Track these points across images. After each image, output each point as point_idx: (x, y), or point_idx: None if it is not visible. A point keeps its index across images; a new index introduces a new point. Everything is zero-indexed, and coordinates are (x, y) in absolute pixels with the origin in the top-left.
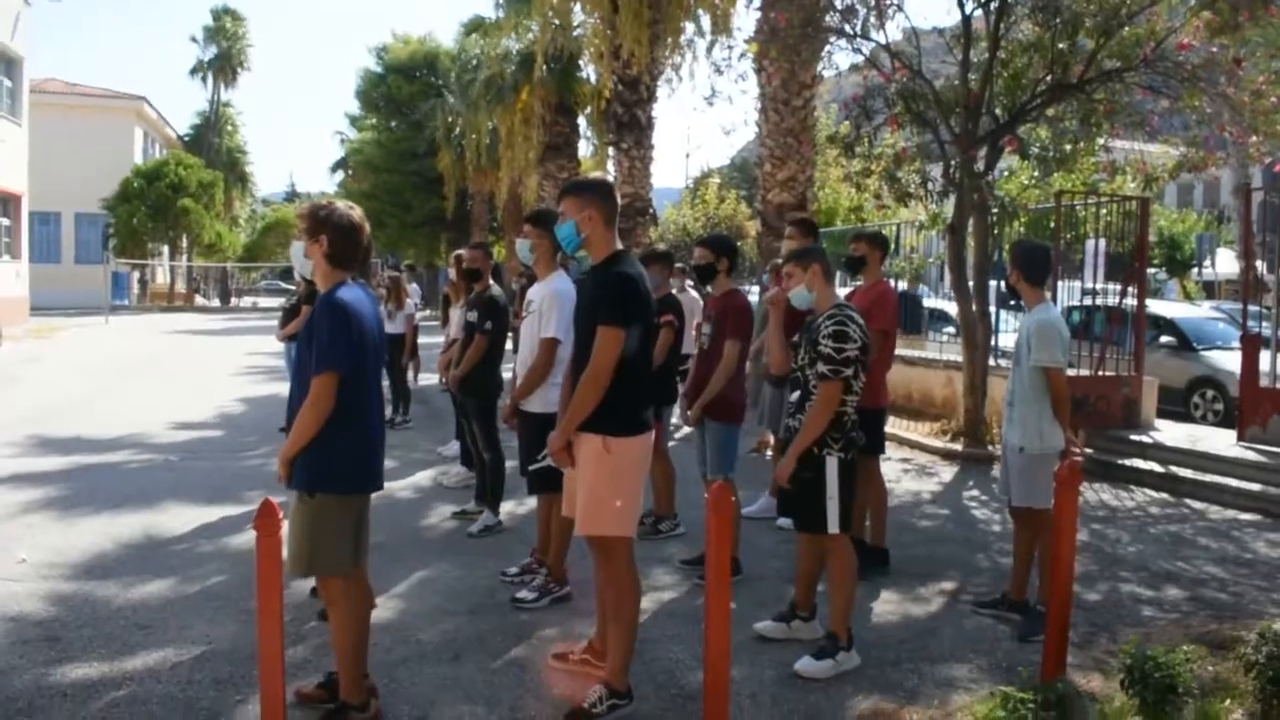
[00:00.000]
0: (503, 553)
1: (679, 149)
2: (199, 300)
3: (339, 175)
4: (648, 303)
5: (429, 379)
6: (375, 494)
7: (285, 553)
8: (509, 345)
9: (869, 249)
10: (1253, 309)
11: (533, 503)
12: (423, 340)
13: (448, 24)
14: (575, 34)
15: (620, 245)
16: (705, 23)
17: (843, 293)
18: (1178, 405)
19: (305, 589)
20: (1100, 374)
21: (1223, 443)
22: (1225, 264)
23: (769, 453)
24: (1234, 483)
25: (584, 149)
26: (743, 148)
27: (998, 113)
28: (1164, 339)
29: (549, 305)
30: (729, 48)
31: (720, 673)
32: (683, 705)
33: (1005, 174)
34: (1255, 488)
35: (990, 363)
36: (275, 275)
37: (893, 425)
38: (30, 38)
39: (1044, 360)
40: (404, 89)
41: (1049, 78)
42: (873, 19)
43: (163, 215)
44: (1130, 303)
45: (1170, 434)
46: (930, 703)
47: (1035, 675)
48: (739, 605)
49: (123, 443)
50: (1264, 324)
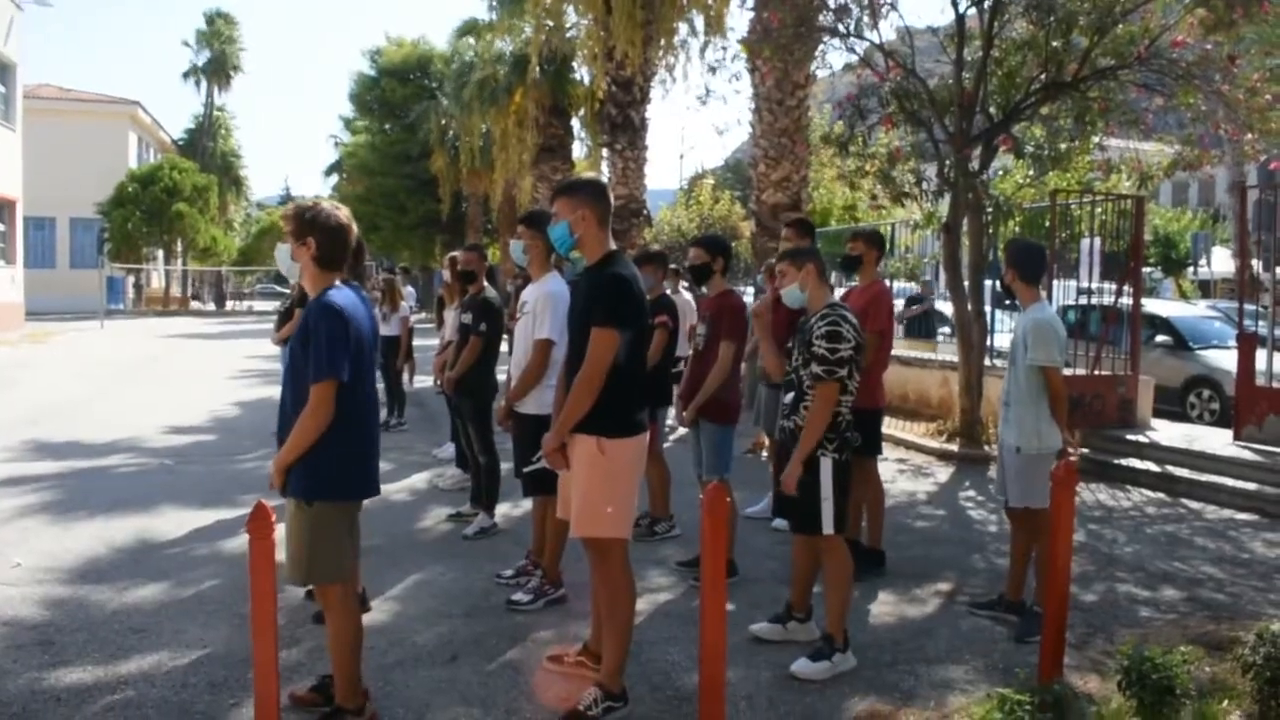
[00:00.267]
0: (498, 555)
1: (673, 150)
2: (194, 304)
3: (333, 178)
4: (642, 304)
5: (424, 381)
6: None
7: (284, 559)
8: (504, 347)
9: (866, 248)
10: (1249, 308)
11: (528, 505)
12: (417, 343)
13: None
14: (568, 35)
15: (614, 246)
16: (699, 23)
17: (839, 293)
18: (1174, 405)
19: (300, 592)
20: (1096, 373)
21: (1219, 442)
22: (1220, 263)
23: (764, 453)
24: (1230, 482)
25: (578, 150)
26: (737, 148)
27: (992, 111)
28: (1160, 338)
29: (543, 307)
30: (722, 48)
31: (716, 674)
32: (678, 707)
33: (1000, 173)
34: (1251, 487)
35: (986, 363)
36: (270, 279)
37: (888, 426)
38: (23, 43)
39: (1041, 359)
40: (398, 92)
41: (1043, 76)
42: (866, 18)
43: (157, 219)
44: (1126, 302)
45: (1166, 433)
46: (926, 704)
47: (1032, 677)
48: (735, 607)
49: (117, 446)
50: (1260, 323)
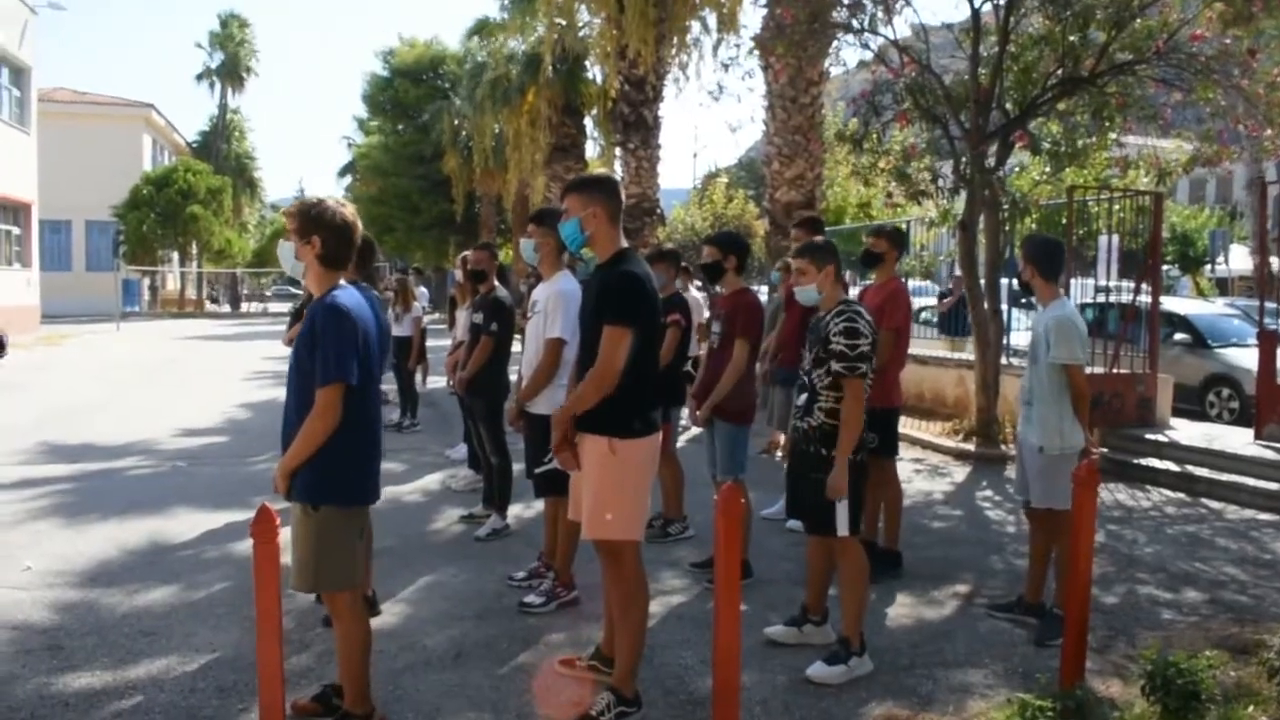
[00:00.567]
0: (510, 557)
1: (686, 149)
2: (209, 306)
3: (347, 179)
4: (654, 302)
5: (437, 381)
6: (383, 498)
7: (292, 566)
8: (517, 347)
9: (889, 246)
10: (1269, 305)
11: (540, 506)
12: (430, 343)
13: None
14: (581, 34)
15: (626, 243)
16: (711, 21)
17: (854, 290)
18: (1192, 403)
19: (310, 596)
20: (1115, 371)
21: (1239, 441)
22: (1238, 260)
23: (779, 453)
24: (1251, 482)
25: (591, 150)
26: (750, 147)
27: (1008, 108)
28: (1178, 336)
29: (554, 306)
30: (735, 45)
31: (730, 679)
32: (691, 712)
33: (1016, 170)
34: (1273, 487)
35: (1003, 361)
36: (285, 280)
37: (904, 425)
38: (38, 47)
39: (1064, 357)
40: (411, 93)
41: (1060, 71)
42: (880, 14)
43: (172, 222)
44: (1144, 299)
45: (1186, 432)
46: (945, 709)
47: (1053, 682)
48: (749, 609)
49: (131, 449)
50: None
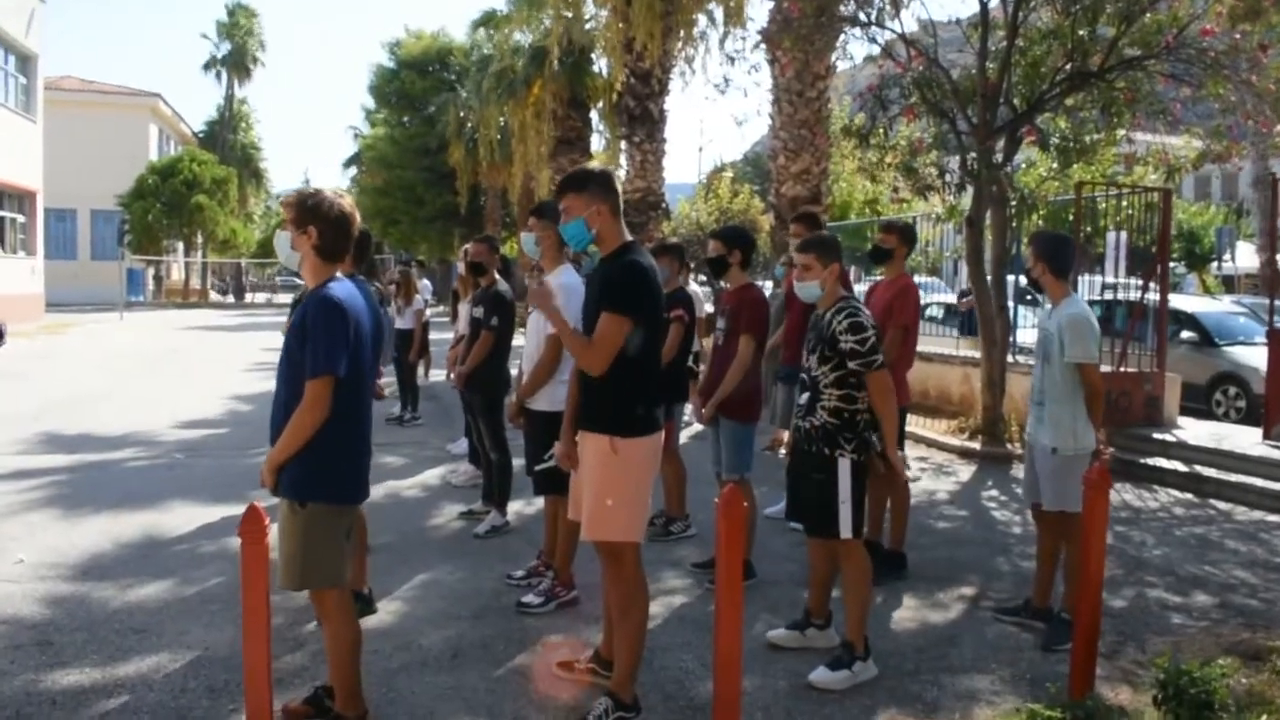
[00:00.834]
0: (509, 554)
1: (692, 143)
2: (213, 296)
3: (352, 170)
4: (658, 295)
5: (439, 375)
6: (383, 492)
7: (279, 563)
8: (518, 340)
9: (899, 242)
10: (1279, 304)
11: (541, 503)
12: (433, 336)
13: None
14: (587, 27)
15: (629, 236)
16: (718, 14)
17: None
18: (1199, 402)
19: (304, 594)
20: (1122, 370)
21: (1248, 441)
22: (1245, 257)
23: (782, 451)
24: (1260, 482)
25: (596, 143)
26: (756, 142)
27: (1016, 103)
28: (1185, 334)
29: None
30: (742, 39)
31: (731, 684)
32: (691, 717)
33: (1023, 166)
34: None
35: (1009, 359)
36: (290, 271)
37: (909, 423)
38: (45, 35)
39: (1079, 356)
40: (417, 84)
41: (1068, 66)
42: (888, 7)
43: (177, 212)
44: (1152, 297)
45: (1194, 432)
46: (951, 716)
47: (1062, 690)
48: (751, 611)
49: (129, 440)
50: None
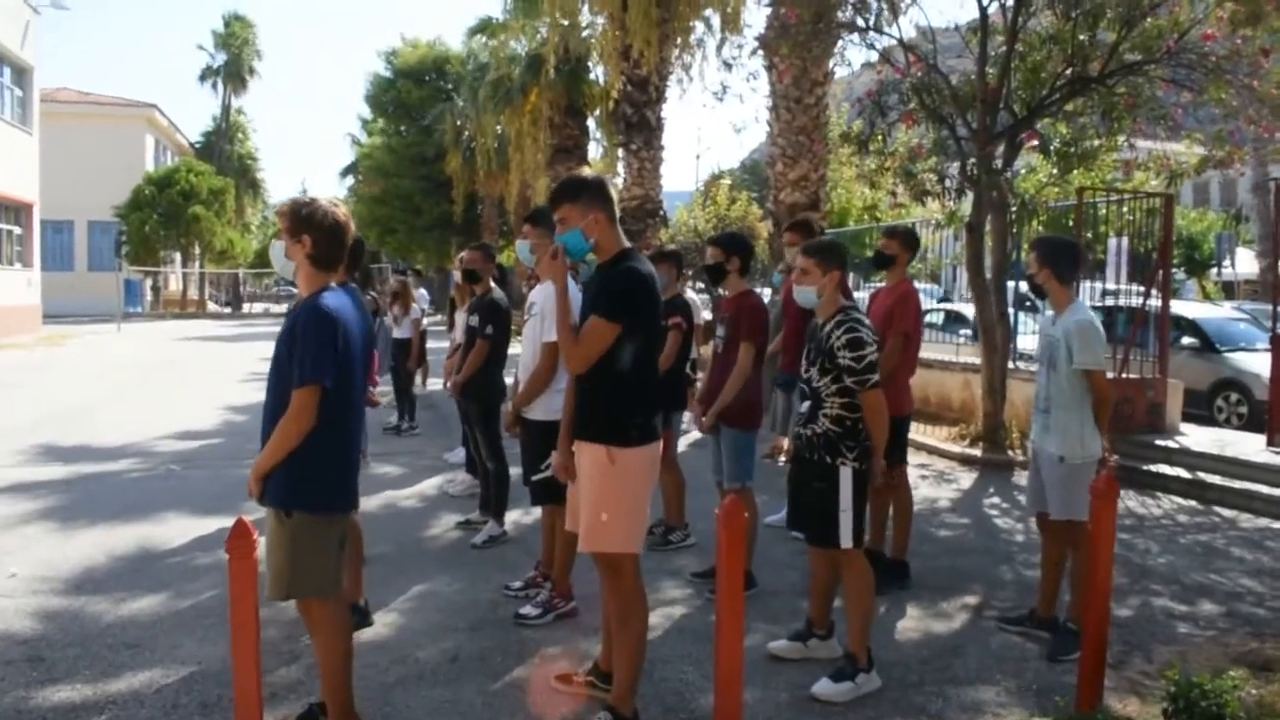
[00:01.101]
0: (507, 565)
1: (690, 151)
2: (211, 307)
3: (349, 180)
4: (655, 303)
5: (436, 384)
6: (379, 502)
7: (267, 573)
8: (515, 349)
9: (901, 248)
10: None
11: (539, 513)
12: (430, 345)
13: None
14: (584, 35)
15: (627, 243)
16: (715, 21)
17: (862, 297)
18: (1201, 408)
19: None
20: (1124, 376)
21: (1251, 448)
22: (1244, 263)
23: (782, 459)
24: (1265, 489)
25: (594, 151)
26: (754, 149)
27: (1015, 108)
28: (1186, 340)
29: (552, 308)
30: (739, 46)
31: (732, 698)
32: None
33: (1023, 171)
34: None
35: (1009, 365)
36: (287, 281)
37: (909, 430)
38: (40, 47)
39: (1088, 363)
40: (413, 93)
41: (1069, 71)
42: (886, 12)
43: (174, 222)
44: (1153, 303)
45: (1196, 438)
46: None
47: (1070, 702)
48: (752, 621)
49: (126, 451)
50: None
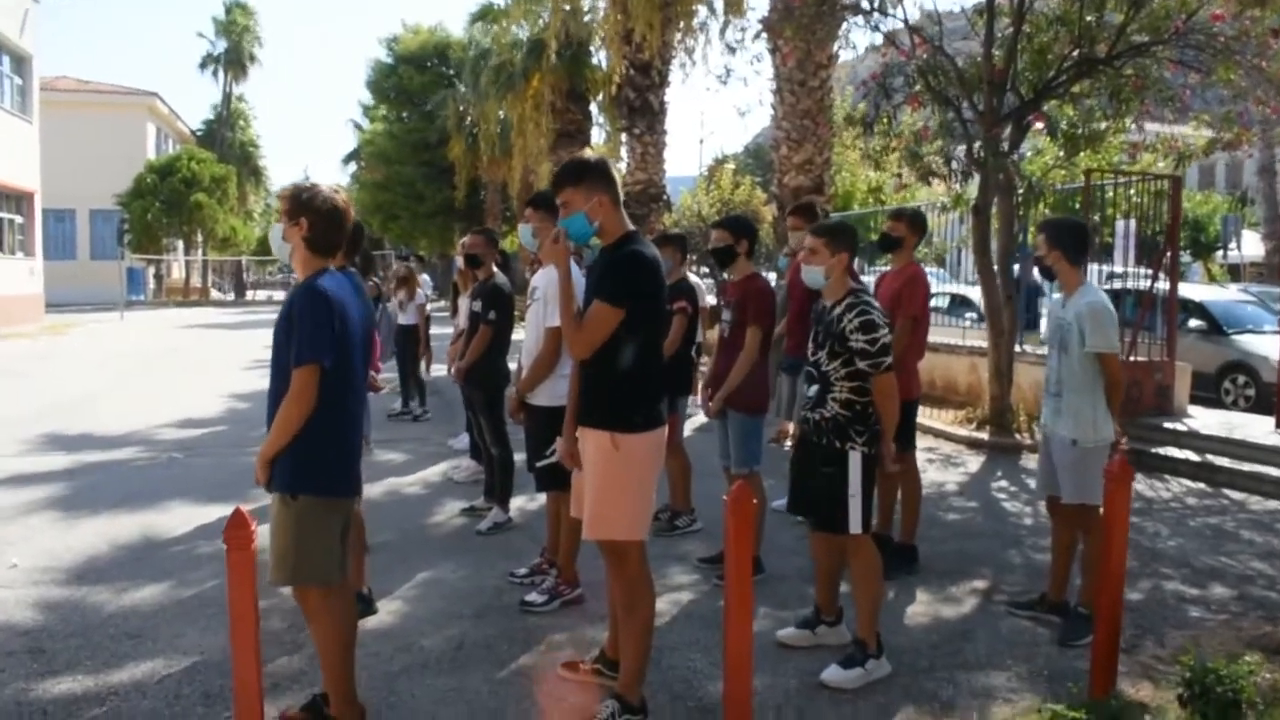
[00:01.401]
0: (512, 552)
1: (693, 135)
2: (214, 294)
3: (352, 167)
4: (659, 287)
5: (439, 370)
6: (383, 489)
7: (270, 558)
8: (519, 334)
9: (908, 230)
10: None
11: (544, 499)
12: (434, 331)
13: (458, 13)
14: (585, 19)
15: (631, 225)
16: (718, 3)
17: (868, 280)
18: (1208, 391)
19: None
20: (1132, 359)
21: (1260, 430)
22: (1250, 246)
23: (788, 443)
24: (1274, 472)
25: (597, 136)
26: (758, 133)
27: (1022, 90)
28: (1193, 323)
29: (555, 293)
30: (742, 29)
31: (741, 686)
32: (701, 718)
33: (1029, 154)
34: None
35: (1016, 348)
36: (291, 268)
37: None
38: (40, 36)
39: (1101, 345)
40: (415, 79)
41: (1076, 53)
42: None
43: (176, 210)
44: (1161, 286)
45: (1204, 421)
46: (968, 715)
47: (1083, 688)
48: (760, 607)
49: (129, 440)
50: None
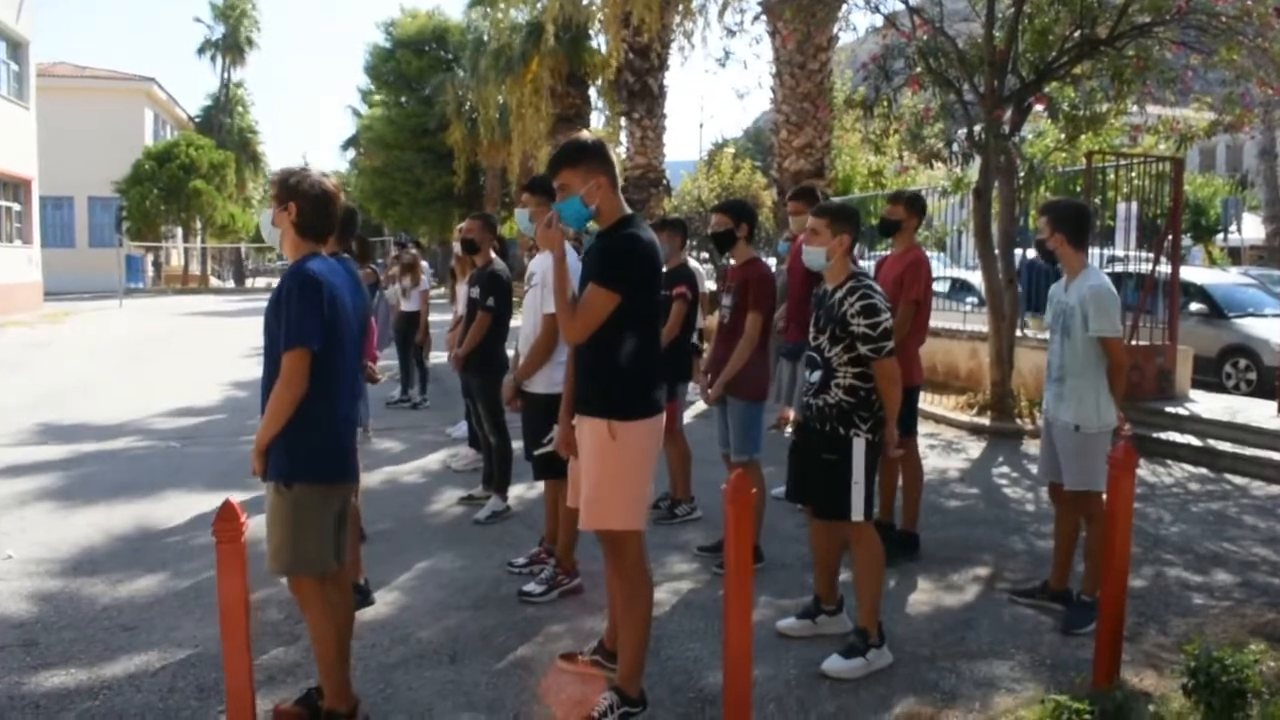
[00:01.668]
0: (511, 541)
1: (693, 120)
2: (214, 282)
3: (350, 153)
4: (656, 271)
5: (439, 356)
6: (381, 478)
7: (266, 548)
8: (517, 321)
9: (907, 213)
10: None
11: (542, 487)
12: (433, 318)
13: None
14: (584, 2)
15: (628, 209)
16: None
17: (868, 265)
18: (1209, 375)
19: None
20: (1133, 343)
21: (1262, 414)
22: (1251, 229)
23: (789, 430)
24: (1277, 456)
25: (596, 120)
26: (758, 117)
27: (1023, 72)
28: (1194, 306)
29: (552, 278)
30: (741, 10)
31: (741, 678)
32: (701, 711)
33: (1030, 136)
34: None
35: (1017, 333)
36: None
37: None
38: (36, 21)
39: (1106, 330)
40: (413, 64)
41: (1077, 33)
42: None
43: (175, 197)
44: (1162, 269)
45: (1206, 405)
46: (971, 705)
47: (1086, 677)
48: (760, 596)
49: (126, 429)
50: None
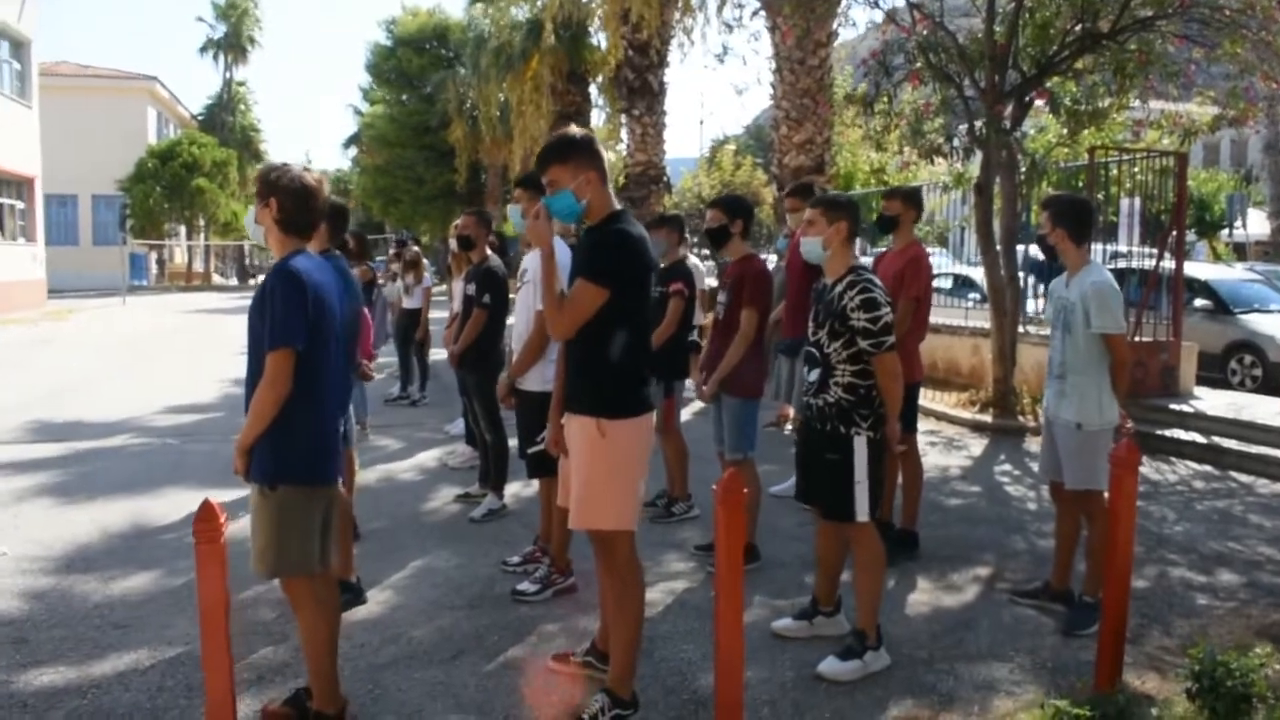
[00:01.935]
0: (507, 539)
1: (693, 117)
2: (217, 279)
3: (353, 151)
4: (645, 267)
5: (438, 354)
6: (377, 475)
7: (251, 551)
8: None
9: (904, 208)
10: None
11: (538, 485)
12: (432, 314)
13: None
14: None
15: (618, 204)
16: None
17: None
18: (1214, 371)
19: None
20: (1138, 339)
21: (1268, 411)
22: (1255, 224)
23: (788, 427)
24: None
25: (596, 117)
26: (758, 114)
27: (1024, 67)
28: (1199, 302)
29: None
30: (740, 6)
31: (734, 681)
32: (694, 713)
33: (1032, 131)
34: None
35: (1019, 330)
36: None
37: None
38: (38, 20)
39: (1109, 326)
40: (414, 62)
41: (1078, 27)
42: None
43: (178, 195)
44: (1166, 265)
45: (1211, 402)
46: (969, 709)
47: (1087, 681)
48: (756, 595)
49: (124, 426)
50: None
